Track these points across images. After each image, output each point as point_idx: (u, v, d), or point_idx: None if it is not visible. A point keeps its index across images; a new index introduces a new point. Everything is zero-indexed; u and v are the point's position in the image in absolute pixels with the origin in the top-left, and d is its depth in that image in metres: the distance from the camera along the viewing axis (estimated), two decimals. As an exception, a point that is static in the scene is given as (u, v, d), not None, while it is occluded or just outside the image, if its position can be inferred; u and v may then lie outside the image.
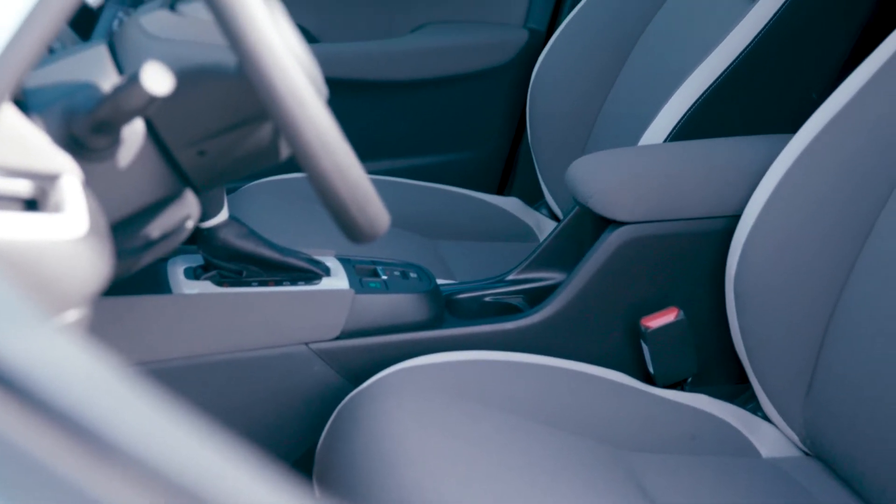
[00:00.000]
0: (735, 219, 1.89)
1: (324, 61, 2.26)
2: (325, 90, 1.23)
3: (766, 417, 1.88)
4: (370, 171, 2.73)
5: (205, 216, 1.75)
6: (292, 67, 1.06)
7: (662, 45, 2.50)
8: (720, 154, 2.04)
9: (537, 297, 2.07)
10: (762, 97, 2.28)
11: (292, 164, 1.29)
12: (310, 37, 2.85)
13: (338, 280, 1.87)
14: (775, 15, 2.22)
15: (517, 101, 2.94)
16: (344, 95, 2.78)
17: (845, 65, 2.23)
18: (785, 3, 2.22)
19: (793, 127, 1.90)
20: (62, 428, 0.58)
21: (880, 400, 1.66)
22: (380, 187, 1.31)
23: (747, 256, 1.81)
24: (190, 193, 1.30)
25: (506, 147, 3.00)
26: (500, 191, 3.04)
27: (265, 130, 1.26)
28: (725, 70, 2.24)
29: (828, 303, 1.78)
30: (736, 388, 2.07)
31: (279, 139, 1.28)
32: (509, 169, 3.04)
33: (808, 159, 1.80)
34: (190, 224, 1.31)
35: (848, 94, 1.81)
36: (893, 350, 1.66)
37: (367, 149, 2.78)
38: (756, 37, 2.22)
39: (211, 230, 1.77)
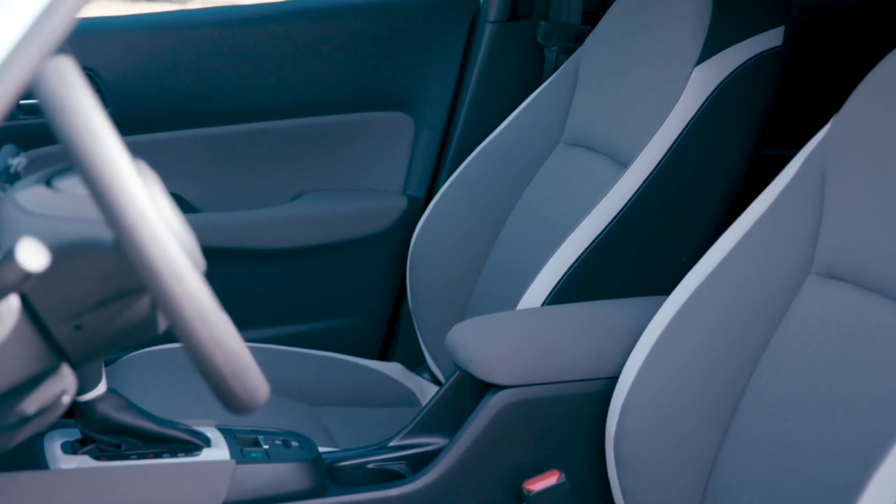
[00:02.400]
0: (613, 380, 1.92)
1: (203, 231, 2.26)
2: (202, 261, 1.24)
3: (649, 579, 1.88)
4: (250, 340, 2.72)
5: (82, 390, 1.73)
6: (168, 240, 1.07)
7: (539, 208, 2.55)
8: (597, 317, 2.07)
9: (420, 462, 2.07)
10: (636, 260, 2.33)
11: (172, 335, 1.29)
12: (189, 207, 2.86)
13: (219, 451, 1.85)
14: (646, 180, 2.28)
15: (397, 267, 2.96)
16: (224, 264, 2.78)
17: (715, 228, 2.29)
18: (655, 168, 2.28)
19: (667, 289, 1.94)
20: None
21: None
22: (260, 356, 1.31)
23: (626, 418, 1.83)
24: (66, 368, 1.29)
25: (387, 313, 3.01)
26: (382, 356, 3.04)
27: (142, 303, 1.26)
28: (600, 233, 2.28)
29: (705, 464, 1.80)
30: (620, 550, 2.07)
31: (157, 312, 1.28)
32: (391, 334, 3.05)
33: (680, 322, 1.84)
34: (67, 399, 1.30)
35: (717, 257, 1.86)
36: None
37: (246, 317, 2.78)
38: (628, 202, 2.28)
39: (88, 404, 1.75)
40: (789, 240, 1.83)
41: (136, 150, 1.14)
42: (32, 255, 1.07)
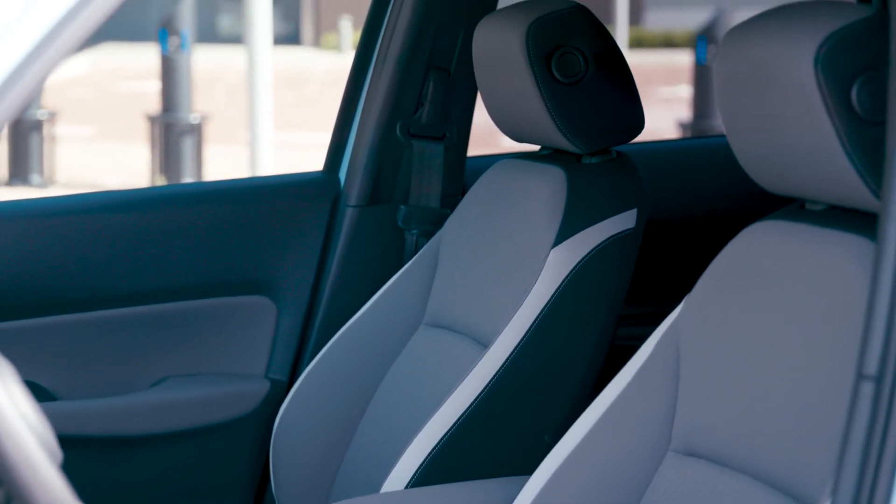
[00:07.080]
0: (478, 562, 1.91)
1: (61, 419, 2.23)
2: (58, 452, 1.22)
3: None
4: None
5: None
6: (22, 432, 1.06)
7: (402, 390, 2.56)
8: (460, 498, 2.07)
9: None
10: (499, 440, 2.34)
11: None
12: (47, 395, 2.81)
13: None
14: (506, 361, 2.31)
15: (260, 451, 2.93)
16: (82, 453, 2.73)
17: (576, 407, 2.31)
18: (515, 349, 2.31)
19: (529, 469, 1.95)
20: None
21: None
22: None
23: None
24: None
25: (249, 497, 2.97)
26: (245, 543, 2.99)
27: (-4, 496, 1.23)
28: (462, 414, 2.30)
29: None
30: None
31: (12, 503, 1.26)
32: (253, 521, 3.01)
33: (544, 501, 1.84)
34: None
35: (577, 437, 1.88)
36: None
37: (107, 502, 2.72)
38: (489, 382, 2.30)
39: None
40: (647, 418, 1.86)
41: (-9, 340, 1.13)
42: None
